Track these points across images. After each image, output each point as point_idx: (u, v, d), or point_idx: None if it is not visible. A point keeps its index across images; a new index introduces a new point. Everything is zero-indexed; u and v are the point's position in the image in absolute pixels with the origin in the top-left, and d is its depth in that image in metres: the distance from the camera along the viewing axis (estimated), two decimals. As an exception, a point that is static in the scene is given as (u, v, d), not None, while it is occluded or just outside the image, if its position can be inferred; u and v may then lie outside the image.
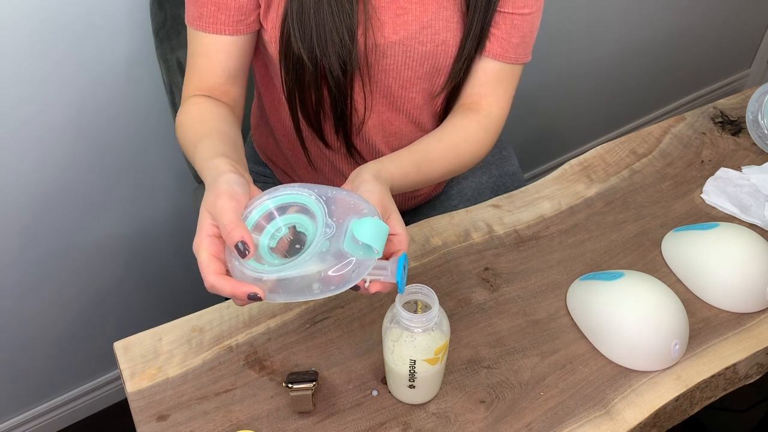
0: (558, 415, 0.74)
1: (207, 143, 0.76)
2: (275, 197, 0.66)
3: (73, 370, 1.44)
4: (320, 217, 0.64)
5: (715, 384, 0.80)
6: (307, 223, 0.65)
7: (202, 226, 0.64)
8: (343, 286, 0.62)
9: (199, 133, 0.80)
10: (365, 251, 0.62)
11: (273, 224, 0.66)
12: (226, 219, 0.62)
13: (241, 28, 0.85)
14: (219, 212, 0.63)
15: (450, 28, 0.87)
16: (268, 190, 0.67)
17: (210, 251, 0.63)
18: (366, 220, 0.62)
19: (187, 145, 0.81)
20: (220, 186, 0.65)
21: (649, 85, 2.06)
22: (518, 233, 0.94)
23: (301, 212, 0.66)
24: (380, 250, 0.62)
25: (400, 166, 0.79)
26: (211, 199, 0.64)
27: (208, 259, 0.63)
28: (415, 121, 0.96)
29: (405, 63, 0.88)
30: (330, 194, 0.66)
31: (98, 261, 1.33)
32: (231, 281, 0.62)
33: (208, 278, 0.63)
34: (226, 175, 0.66)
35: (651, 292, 0.79)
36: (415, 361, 0.69)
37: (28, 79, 1.07)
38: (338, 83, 0.85)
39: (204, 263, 0.63)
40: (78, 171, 1.20)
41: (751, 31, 2.24)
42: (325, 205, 0.64)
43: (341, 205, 0.65)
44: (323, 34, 0.81)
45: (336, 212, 0.64)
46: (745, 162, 1.06)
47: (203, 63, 0.86)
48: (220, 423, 0.73)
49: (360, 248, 0.62)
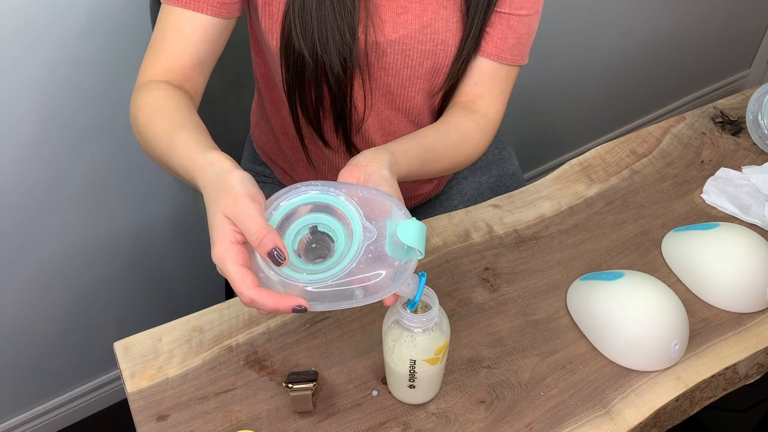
0: (558, 415, 0.74)
1: (188, 135, 0.70)
2: (302, 196, 0.63)
3: (73, 370, 1.44)
4: (356, 220, 0.62)
5: (715, 384, 0.80)
6: (331, 223, 0.63)
7: (223, 234, 0.59)
8: (387, 291, 0.61)
9: (176, 121, 0.73)
10: (407, 254, 0.61)
11: (295, 225, 0.63)
12: (254, 225, 0.58)
13: (223, 11, 0.81)
14: (243, 217, 0.58)
15: (449, 28, 0.87)
16: (288, 188, 0.64)
17: (239, 262, 0.58)
18: (409, 222, 0.61)
19: (156, 132, 0.73)
20: (235, 186, 0.60)
21: (649, 85, 2.06)
22: (518, 233, 0.94)
23: (326, 211, 0.63)
24: (422, 252, 0.61)
25: (409, 161, 0.77)
26: (228, 202, 0.59)
27: (242, 272, 0.58)
28: (414, 120, 0.96)
29: (404, 62, 0.88)
30: (360, 194, 0.63)
31: (98, 261, 1.33)
32: (273, 295, 0.58)
33: (246, 293, 0.57)
34: (236, 173, 0.61)
35: (651, 292, 0.79)
36: (415, 361, 0.69)
37: (28, 78, 1.07)
38: (338, 81, 0.85)
39: (238, 277, 0.57)
40: (78, 171, 1.20)
41: (751, 31, 2.24)
42: (360, 207, 0.62)
43: (375, 206, 0.63)
44: (324, 31, 0.81)
45: (372, 215, 0.62)
46: (745, 162, 1.06)
47: (175, 41, 0.81)
48: (220, 423, 0.72)
49: (402, 251, 0.61)
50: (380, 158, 0.70)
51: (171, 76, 0.81)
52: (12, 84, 1.06)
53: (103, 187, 1.25)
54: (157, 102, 0.76)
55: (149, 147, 0.75)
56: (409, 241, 0.60)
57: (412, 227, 0.61)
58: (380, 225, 0.62)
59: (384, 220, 0.62)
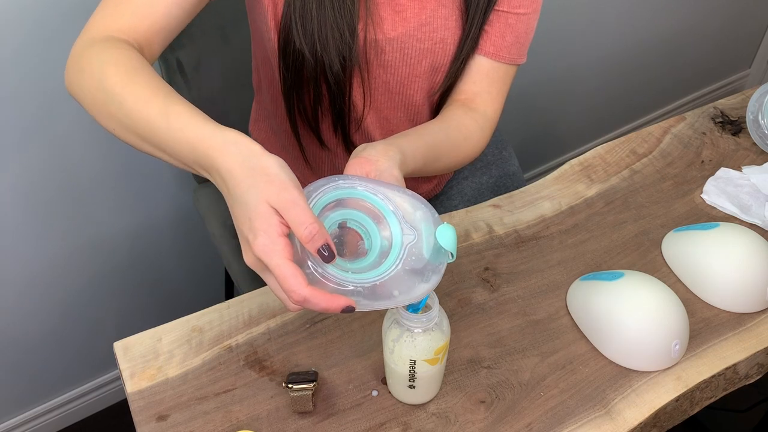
0: (558, 415, 0.74)
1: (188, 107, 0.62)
2: (343, 190, 0.62)
3: (73, 370, 1.44)
4: (395, 221, 0.63)
5: (715, 384, 0.80)
6: (363, 220, 0.62)
7: (269, 224, 0.54)
8: (422, 292, 0.62)
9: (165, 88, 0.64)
10: (440, 257, 0.63)
11: (328, 219, 0.61)
12: (306, 218, 0.54)
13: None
14: (295, 209, 0.54)
15: (448, 26, 0.87)
16: (325, 182, 0.61)
17: (287, 256, 0.54)
18: (446, 227, 0.63)
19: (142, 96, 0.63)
20: (279, 174, 0.55)
21: (650, 85, 2.06)
22: (518, 233, 0.94)
23: (358, 208, 0.62)
24: (454, 255, 0.63)
25: (415, 160, 0.76)
26: (274, 190, 0.55)
27: (294, 268, 0.53)
28: (413, 118, 0.96)
29: (403, 60, 0.88)
30: (393, 198, 0.64)
31: (98, 261, 1.33)
32: (326, 294, 0.55)
33: (300, 291, 0.53)
34: (274, 159, 0.56)
35: (651, 292, 0.79)
36: (415, 361, 0.69)
37: (28, 78, 1.07)
38: (337, 79, 0.85)
39: (290, 273, 0.53)
40: (78, 170, 1.20)
41: (751, 31, 2.24)
42: (398, 207, 0.63)
43: (411, 209, 0.64)
44: (324, 30, 0.81)
45: (409, 215, 0.63)
46: (746, 162, 1.06)
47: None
48: (220, 423, 0.72)
49: (436, 254, 0.63)
50: (391, 156, 0.69)
51: (132, 36, 0.71)
52: (11, 81, 1.06)
53: (103, 186, 1.25)
54: (132, 61, 0.66)
55: (122, 112, 0.64)
56: (447, 245, 0.62)
57: (449, 232, 0.63)
58: (418, 228, 0.63)
59: (420, 223, 0.64)
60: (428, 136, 0.82)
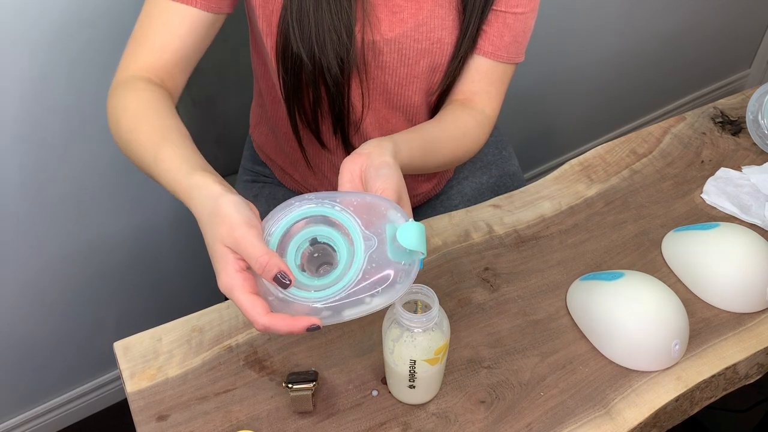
0: (558, 415, 0.74)
1: (172, 150, 0.68)
2: (296, 212, 0.63)
3: (73, 370, 1.44)
4: (356, 230, 0.62)
5: (715, 384, 0.80)
6: (330, 234, 0.63)
7: (226, 263, 0.59)
8: (395, 294, 0.61)
9: (158, 133, 0.71)
10: (410, 255, 0.62)
11: (295, 241, 0.63)
12: (256, 251, 0.58)
13: (213, 5, 0.79)
14: (243, 245, 0.58)
15: (445, 26, 0.87)
16: (282, 207, 0.63)
17: (247, 290, 0.59)
18: (407, 225, 0.61)
19: (141, 142, 0.71)
20: (230, 214, 0.60)
21: (649, 85, 2.06)
22: (518, 233, 0.94)
23: (323, 223, 0.63)
24: (425, 252, 0.62)
25: (410, 151, 0.77)
26: (225, 231, 0.59)
27: (252, 300, 0.58)
28: (412, 119, 0.96)
29: (401, 60, 0.89)
30: (356, 201, 0.63)
31: (98, 261, 1.33)
32: (286, 319, 0.58)
33: (259, 321, 0.58)
34: (227, 198, 0.61)
35: (651, 292, 0.79)
36: (415, 361, 0.69)
37: (28, 78, 1.07)
38: (336, 81, 0.85)
39: (249, 305, 0.58)
40: (78, 171, 1.20)
41: (751, 31, 2.24)
42: (357, 216, 0.62)
43: (372, 212, 0.63)
44: (322, 32, 0.81)
45: (370, 221, 0.62)
46: (745, 162, 1.06)
47: (161, 34, 0.77)
48: (220, 423, 0.72)
49: (405, 253, 0.61)
50: (384, 146, 0.70)
51: (152, 72, 0.78)
52: (12, 86, 1.06)
53: (104, 187, 1.25)
54: (140, 106, 0.74)
55: (133, 155, 0.73)
56: (409, 245, 0.60)
57: (411, 229, 0.61)
58: (380, 231, 0.62)
59: (383, 225, 0.62)
60: (423, 130, 0.83)
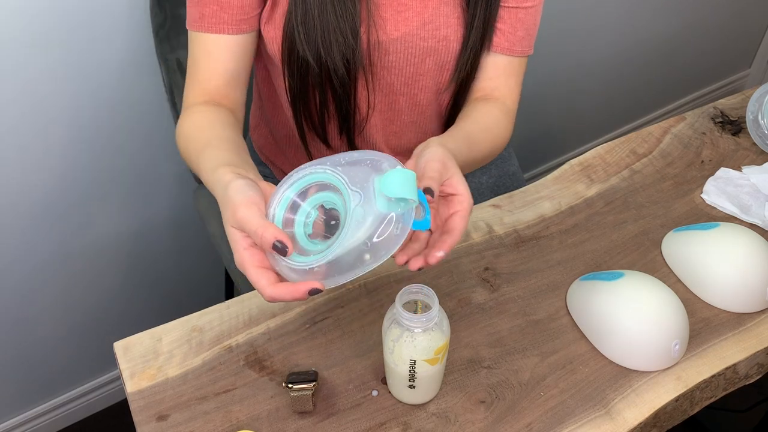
0: (558, 415, 0.74)
1: (209, 153, 0.74)
2: (292, 185, 0.64)
3: (73, 370, 1.44)
4: (343, 187, 0.61)
5: (716, 384, 0.80)
6: (334, 198, 0.63)
7: (236, 243, 0.62)
8: (393, 246, 0.59)
9: (202, 142, 0.78)
10: (401, 204, 0.60)
11: (301, 212, 0.64)
12: (253, 225, 0.60)
13: (244, 27, 0.84)
14: (244, 223, 0.61)
15: (450, 23, 0.88)
16: (282, 181, 0.65)
17: (255, 264, 0.61)
18: (388, 174, 0.59)
19: (190, 155, 0.80)
20: (233, 197, 0.63)
21: (649, 85, 2.06)
22: (518, 233, 0.94)
23: (324, 189, 0.63)
24: (415, 199, 0.60)
25: (456, 141, 0.78)
26: (230, 214, 0.63)
27: (258, 273, 0.61)
28: (416, 120, 0.97)
29: (407, 59, 0.89)
30: (343, 161, 0.63)
31: (98, 261, 1.33)
32: (288, 286, 0.60)
33: (266, 292, 0.60)
34: (233, 184, 0.64)
35: (651, 292, 0.79)
36: (415, 361, 0.69)
37: (28, 79, 1.07)
38: (342, 83, 0.85)
39: (255, 278, 0.61)
40: (78, 171, 1.20)
41: (751, 31, 2.24)
42: (343, 174, 0.62)
43: (359, 168, 0.62)
44: (327, 35, 0.81)
45: (357, 177, 0.61)
46: (745, 162, 1.06)
47: (205, 65, 0.85)
48: (220, 423, 0.72)
49: (395, 203, 0.60)
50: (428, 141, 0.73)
51: (207, 97, 0.85)
52: (13, 86, 1.06)
53: (103, 187, 1.25)
54: (191, 127, 0.82)
55: (191, 168, 0.82)
56: (393, 193, 0.58)
57: (394, 178, 0.59)
58: (367, 185, 0.61)
59: (372, 178, 0.61)
60: (458, 127, 0.85)
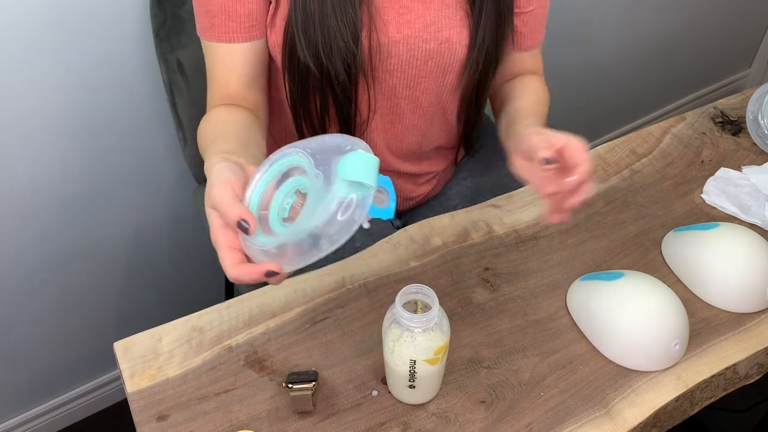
0: (558, 415, 0.74)
1: (212, 147, 0.75)
2: (269, 168, 0.64)
3: (73, 370, 1.44)
4: (310, 169, 0.61)
5: (716, 384, 0.80)
6: (305, 182, 0.62)
7: (211, 222, 0.63)
8: (347, 232, 0.58)
9: (209, 139, 0.79)
10: (359, 189, 0.58)
11: (278, 195, 0.64)
12: (222, 205, 0.61)
13: (255, 33, 0.85)
14: (215, 202, 0.62)
15: (453, 25, 0.88)
16: (261, 165, 0.65)
17: (225, 244, 0.62)
18: (347, 156, 0.58)
19: (201, 153, 0.81)
20: (211, 179, 0.64)
21: (649, 85, 2.06)
22: (518, 233, 0.94)
23: (299, 173, 0.63)
24: (373, 184, 0.58)
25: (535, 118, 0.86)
26: (208, 193, 0.64)
27: (225, 252, 0.61)
28: (418, 123, 0.96)
29: (409, 62, 0.89)
30: (314, 144, 0.62)
31: (98, 261, 1.33)
32: (247, 267, 0.60)
33: (229, 271, 0.61)
34: (215, 167, 0.65)
35: (651, 292, 0.79)
36: (415, 361, 0.69)
37: (28, 79, 1.07)
38: (343, 87, 0.85)
39: (222, 257, 0.61)
40: (78, 171, 1.20)
41: (751, 31, 2.24)
42: (311, 157, 0.61)
43: (325, 150, 0.61)
44: (328, 40, 0.82)
45: (321, 159, 0.60)
46: (745, 162, 1.06)
47: (220, 71, 0.87)
48: (219, 423, 0.72)
49: (353, 187, 0.58)
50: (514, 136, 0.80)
51: (227, 99, 0.88)
52: (13, 84, 1.06)
53: (103, 187, 1.25)
54: (205, 126, 0.84)
55: None
56: (351, 176, 0.57)
57: (352, 161, 0.58)
58: (329, 167, 0.60)
59: (334, 161, 0.60)
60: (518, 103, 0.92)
